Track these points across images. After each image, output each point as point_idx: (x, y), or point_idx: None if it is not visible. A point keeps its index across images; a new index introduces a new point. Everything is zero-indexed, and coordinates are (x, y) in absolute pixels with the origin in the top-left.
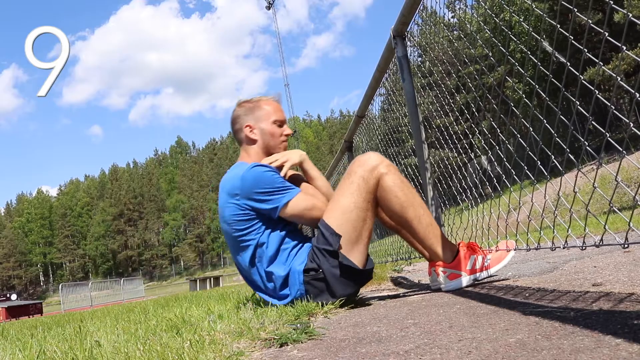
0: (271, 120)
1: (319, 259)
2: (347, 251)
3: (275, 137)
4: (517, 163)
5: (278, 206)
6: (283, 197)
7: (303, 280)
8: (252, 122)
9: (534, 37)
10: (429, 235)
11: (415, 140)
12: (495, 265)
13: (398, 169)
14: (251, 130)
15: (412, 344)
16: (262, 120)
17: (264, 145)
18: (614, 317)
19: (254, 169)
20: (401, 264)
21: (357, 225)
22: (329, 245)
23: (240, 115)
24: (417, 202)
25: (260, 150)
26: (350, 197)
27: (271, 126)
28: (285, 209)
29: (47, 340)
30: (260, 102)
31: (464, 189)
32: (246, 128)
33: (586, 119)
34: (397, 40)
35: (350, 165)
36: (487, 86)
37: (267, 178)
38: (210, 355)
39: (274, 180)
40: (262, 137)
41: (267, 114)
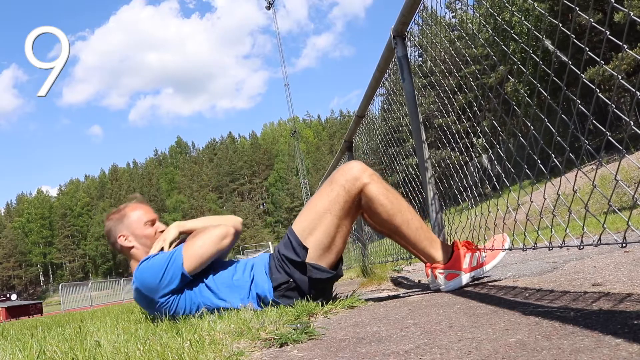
0: (142, 223)
1: (288, 267)
2: (317, 257)
3: (151, 237)
4: (517, 162)
5: (182, 271)
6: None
7: (275, 296)
8: (124, 231)
9: (534, 37)
10: (420, 239)
11: (415, 140)
12: (491, 260)
13: (396, 170)
14: (125, 238)
15: (412, 344)
16: (132, 227)
17: (142, 247)
18: (614, 317)
19: (139, 268)
20: (401, 264)
21: (331, 232)
22: (296, 256)
23: (111, 228)
24: (404, 207)
25: (141, 248)
26: (328, 204)
27: (144, 229)
28: (188, 264)
29: (47, 340)
30: (126, 209)
31: (465, 188)
32: (120, 238)
33: (587, 118)
34: (397, 40)
35: (334, 173)
36: (487, 86)
37: (152, 263)
38: (210, 355)
39: (159, 259)
40: (138, 241)
41: (137, 219)
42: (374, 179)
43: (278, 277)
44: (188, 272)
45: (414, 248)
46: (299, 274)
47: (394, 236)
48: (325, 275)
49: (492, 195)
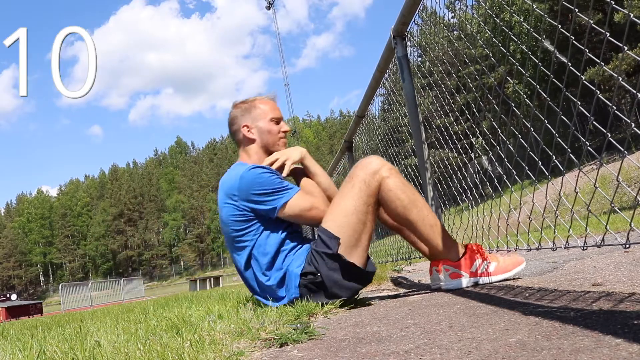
0: (268, 118)
1: (317, 262)
2: (346, 254)
3: (274, 134)
4: (518, 163)
5: (276, 207)
6: (281, 198)
7: (299, 284)
8: (249, 122)
9: (534, 37)
10: (434, 235)
11: (415, 140)
12: (499, 274)
13: (399, 171)
14: (249, 129)
15: (412, 344)
16: (259, 119)
17: (262, 144)
18: (614, 317)
19: (253, 171)
20: (401, 264)
21: (357, 229)
22: (327, 248)
23: (237, 116)
24: (421, 203)
25: (259, 149)
26: (351, 200)
27: (268, 124)
28: (284, 209)
29: (47, 340)
30: (255, 101)
31: (464, 189)
32: (244, 128)
33: (587, 119)
34: (397, 40)
35: (352, 169)
36: (487, 86)
37: (265, 179)
38: (210, 355)
39: (272, 181)
40: (260, 135)
41: (264, 112)
42: (392, 173)
43: (308, 267)
44: (278, 213)
45: (425, 244)
46: (326, 268)
47: (406, 231)
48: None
49: (493, 195)
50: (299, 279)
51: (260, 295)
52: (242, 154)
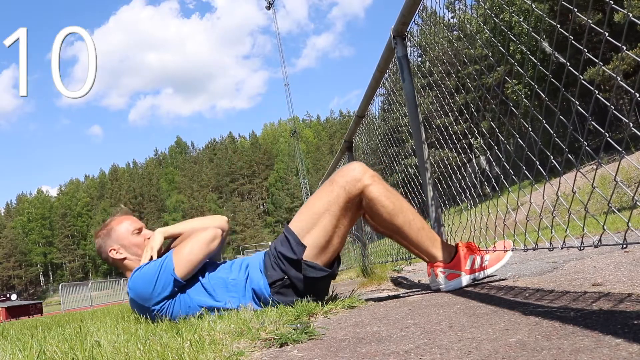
0: (129, 234)
1: (284, 264)
2: (313, 255)
3: (141, 246)
4: (517, 163)
5: (173, 277)
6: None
7: (271, 292)
8: (114, 245)
9: (533, 38)
10: (423, 239)
11: (415, 140)
12: (493, 265)
13: (396, 170)
14: (116, 251)
15: (412, 344)
16: (121, 239)
17: (134, 257)
18: (614, 317)
19: (132, 279)
20: (401, 264)
21: (328, 232)
22: (292, 253)
23: (100, 245)
24: (406, 207)
25: (134, 258)
26: (327, 204)
27: (132, 239)
28: (179, 270)
29: (47, 340)
30: (111, 223)
31: (464, 189)
32: (111, 252)
33: (586, 119)
34: (397, 40)
35: (334, 174)
36: (486, 86)
37: (145, 271)
38: (210, 355)
39: (150, 269)
40: (128, 252)
41: (124, 230)
42: (375, 180)
43: (273, 274)
44: (180, 278)
45: (416, 248)
46: (294, 271)
47: (396, 236)
48: (319, 274)
49: (492, 195)
50: (270, 289)
51: None
52: (127, 274)
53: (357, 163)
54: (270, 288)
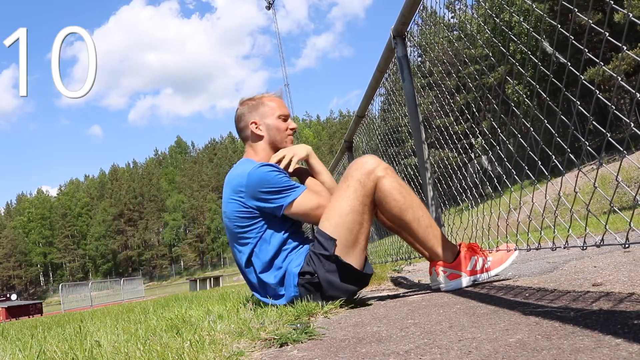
0: (276, 115)
1: (315, 263)
2: (343, 255)
3: (281, 131)
4: (518, 163)
5: (283, 205)
6: (288, 196)
7: (297, 283)
8: (257, 119)
9: (534, 38)
10: (429, 237)
11: (415, 140)
12: (496, 267)
13: (396, 170)
14: (257, 126)
15: (412, 344)
16: (266, 116)
17: (270, 141)
18: (614, 317)
19: (261, 169)
20: (401, 264)
21: (354, 229)
22: (324, 250)
23: (244, 113)
24: (416, 204)
25: (267, 146)
26: (346, 200)
27: (276, 121)
28: (290, 208)
29: (47, 340)
30: (263, 98)
31: (464, 189)
32: (252, 125)
33: (586, 119)
34: (397, 40)
35: (348, 169)
36: (487, 86)
37: (273, 178)
38: (210, 355)
39: (280, 180)
40: (268, 132)
41: (272, 109)
42: (388, 173)
43: (305, 267)
44: (284, 211)
45: (421, 245)
46: (323, 270)
47: (403, 232)
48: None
49: (493, 195)
50: (297, 278)
51: (260, 292)
52: (248, 150)
53: (370, 156)
54: (299, 277)
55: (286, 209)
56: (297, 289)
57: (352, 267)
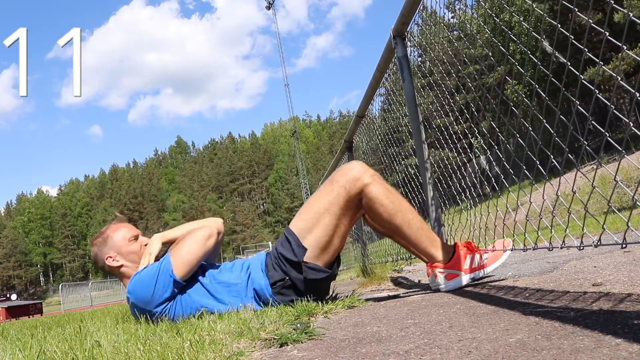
0: (126, 241)
1: (285, 266)
2: (315, 256)
3: (138, 253)
4: (517, 163)
5: (173, 278)
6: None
7: (272, 292)
8: (110, 252)
9: (533, 38)
10: (422, 239)
11: (415, 140)
12: (492, 263)
13: (395, 170)
14: (113, 259)
15: (412, 344)
16: (117, 246)
17: (131, 264)
18: (614, 317)
19: (131, 283)
20: (401, 264)
21: (329, 231)
22: (293, 255)
23: (97, 253)
24: (405, 207)
25: (132, 267)
26: (326, 203)
27: (128, 246)
28: (179, 272)
29: (47, 340)
30: (107, 231)
31: (464, 188)
32: (108, 259)
33: (586, 119)
34: (397, 40)
35: (334, 173)
36: (487, 86)
37: (144, 274)
38: (210, 355)
39: (148, 272)
40: (125, 259)
41: (120, 237)
42: (375, 180)
43: (274, 274)
44: (179, 278)
45: (415, 248)
46: (295, 272)
47: (395, 236)
48: (320, 276)
49: (492, 195)
50: (270, 289)
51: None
52: (124, 282)
53: (357, 162)
54: (272, 288)
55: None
56: (275, 297)
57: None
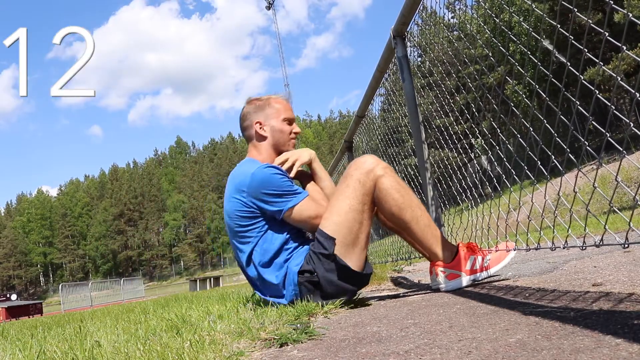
0: (281, 118)
1: (314, 262)
2: (343, 254)
3: (285, 134)
4: (517, 163)
5: (283, 209)
6: (289, 202)
7: (297, 281)
8: (262, 119)
9: (533, 38)
10: (427, 236)
11: (415, 140)
12: (494, 265)
13: (395, 170)
14: (261, 127)
15: (412, 344)
16: (271, 118)
17: (273, 142)
18: (614, 317)
19: (265, 170)
20: (401, 264)
21: (353, 228)
22: (324, 249)
23: (250, 112)
24: (415, 203)
25: (269, 147)
26: (346, 200)
27: (281, 124)
28: (290, 213)
29: (47, 340)
30: (270, 99)
31: (464, 189)
32: (256, 125)
33: (586, 119)
34: (397, 40)
35: (347, 169)
36: (487, 86)
37: (276, 180)
38: (210, 356)
39: (282, 183)
40: (272, 134)
41: (277, 111)
42: (387, 172)
43: (305, 266)
44: (283, 216)
45: (420, 245)
46: (322, 269)
47: (402, 232)
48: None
49: (493, 195)
50: (297, 277)
51: (261, 290)
52: (251, 150)
53: (370, 155)
54: (298, 276)
55: (285, 213)
56: (297, 287)
57: (351, 268)
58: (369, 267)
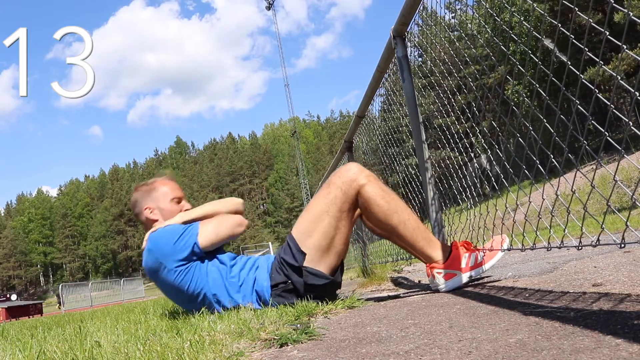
0: (168, 199)
1: (286, 270)
2: (316, 260)
3: (175, 214)
4: (517, 163)
5: (195, 242)
6: (193, 234)
7: (272, 294)
8: (151, 204)
9: (534, 37)
10: (417, 239)
11: (415, 140)
12: (489, 260)
13: (395, 170)
14: (151, 211)
15: (412, 344)
16: (159, 201)
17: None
18: (614, 317)
19: (156, 232)
20: (401, 264)
21: (329, 233)
22: (294, 260)
23: (138, 199)
24: (401, 207)
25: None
26: (324, 206)
27: (170, 205)
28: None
29: (47, 340)
30: (155, 183)
31: (464, 188)
32: (146, 210)
33: (586, 118)
34: (397, 40)
35: (331, 176)
36: (487, 86)
37: (170, 229)
38: (210, 356)
39: (176, 227)
40: (163, 215)
41: (164, 194)
42: (370, 180)
43: (277, 277)
44: (200, 246)
45: (411, 248)
46: (296, 276)
47: (392, 237)
48: (320, 282)
49: (492, 195)
50: (271, 291)
51: None
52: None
53: (353, 164)
54: (272, 290)
55: (202, 243)
56: (275, 299)
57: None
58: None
